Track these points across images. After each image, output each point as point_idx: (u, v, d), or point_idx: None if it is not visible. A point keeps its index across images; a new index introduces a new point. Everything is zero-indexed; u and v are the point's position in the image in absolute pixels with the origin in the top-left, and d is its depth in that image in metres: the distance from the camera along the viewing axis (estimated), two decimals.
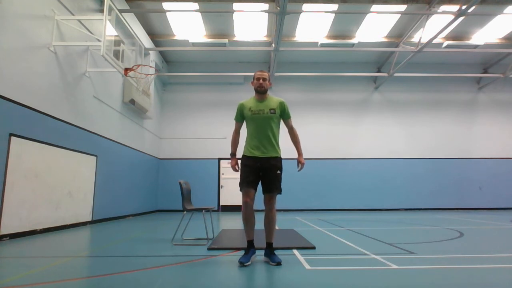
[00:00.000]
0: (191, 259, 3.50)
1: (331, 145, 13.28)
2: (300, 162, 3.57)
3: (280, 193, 3.38)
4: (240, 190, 3.37)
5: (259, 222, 3.42)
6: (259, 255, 3.47)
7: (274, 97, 3.54)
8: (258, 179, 3.38)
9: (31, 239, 5.13)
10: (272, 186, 3.36)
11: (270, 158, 3.38)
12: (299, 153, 3.62)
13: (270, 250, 3.33)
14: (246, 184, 3.34)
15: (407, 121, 13.54)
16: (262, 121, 3.38)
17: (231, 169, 3.56)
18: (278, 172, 3.39)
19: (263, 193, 3.39)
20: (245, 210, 3.33)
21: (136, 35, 8.40)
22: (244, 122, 3.55)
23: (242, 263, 3.14)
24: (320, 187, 12.92)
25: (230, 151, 3.60)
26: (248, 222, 3.36)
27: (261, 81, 3.43)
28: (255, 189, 3.37)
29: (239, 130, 3.62)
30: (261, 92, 3.45)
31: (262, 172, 3.36)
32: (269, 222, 3.38)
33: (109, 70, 7.78)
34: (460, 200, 13.07)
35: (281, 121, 3.56)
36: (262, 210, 3.39)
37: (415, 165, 13.24)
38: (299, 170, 3.62)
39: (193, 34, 11.41)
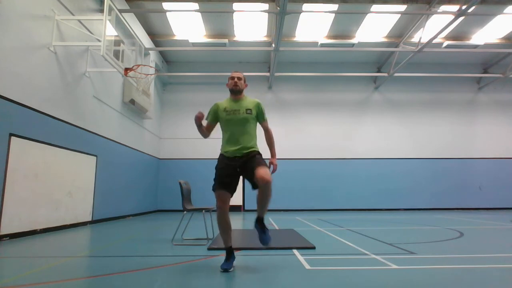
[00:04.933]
0: (191, 259, 3.50)
1: (331, 145, 13.28)
2: (272, 163, 3.22)
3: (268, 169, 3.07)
4: (213, 191, 3.11)
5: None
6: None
7: (249, 97, 3.35)
8: (234, 182, 3.11)
9: (31, 239, 5.13)
10: (259, 163, 3.03)
11: (249, 153, 3.14)
12: (273, 154, 3.31)
13: (260, 226, 3.08)
14: (219, 186, 3.08)
15: (407, 121, 13.54)
16: (238, 122, 3.20)
17: None
18: (258, 156, 3.14)
19: (253, 178, 2.98)
20: (219, 215, 3.06)
21: (136, 35, 8.40)
22: (219, 126, 3.36)
23: (226, 270, 2.96)
24: (320, 187, 12.91)
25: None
26: (224, 228, 3.08)
27: (235, 80, 3.27)
28: (231, 193, 3.10)
29: (210, 132, 3.40)
30: (236, 92, 3.28)
31: (243, 168, 3.10)
32: (264, 197, 2.99)
33: (109, 70, 7.77)
34: (460, 200, 13.07)
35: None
36: (256, 210, 3.16)
37: (415, 165, 13.24)
38: (271, 172, 3.20)
39: (193, 34, 11.41)
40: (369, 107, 13.62)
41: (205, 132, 3.38)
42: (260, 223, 3.13)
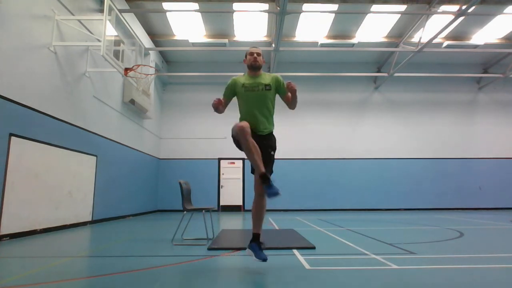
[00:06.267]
0: (191, 259, 3.50)
1: (331, 145, 13.28)
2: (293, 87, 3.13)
3: (271, 173, 3.08)
4: (234, 132, 2.96)
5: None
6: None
7: (266, 73, 3.32)
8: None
9: (31, 239, 5.13)
10: (266, 166, 3.00)
11: (265, 136, 3.16)
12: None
13: (257, 243, 3.01)
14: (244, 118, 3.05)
15: (407, 121, 13.54)
16: (256, 98, 3.15)
17: (231, 169, 3.33)
18: (272, 152, 3.16)
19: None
20: (243, 136, 2.86)
21: (136, 35, 8.39)
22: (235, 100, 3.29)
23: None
24: (320, 187, 12.91)
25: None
26: (255, 153, 2.87)
27: (255, 55, 3.23)
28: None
29: (225, 108, 3.28)
30: (255, 67, 3.23)
31: (259, 143, 3.05)
32: (260, 209, 3.05)
33: (109, 70, 7.78)
34: (460, 200, 13.06)
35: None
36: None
37: (415, 165, 13.24)
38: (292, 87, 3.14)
39: (193, 34, 11.41)
40: (369, 107, 13.61)
41: (221, 109, 3.25)
42: (257, 240, 3.02)
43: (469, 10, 8.57)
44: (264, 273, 2.92)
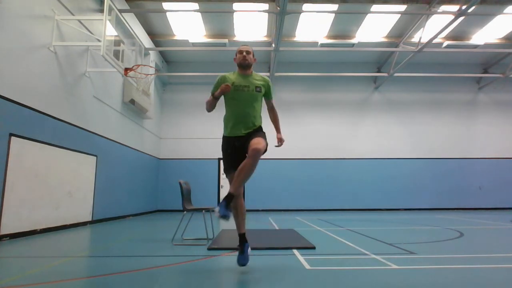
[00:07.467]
0: (191, 259, 3.50)
1: (331, 145, 13.28)
2: (280, 139, 3.23)
3: (266, 146, 2.91)
4: (226, 176, 3.07)
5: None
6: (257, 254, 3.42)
7: (258, 74, 3.25)
8: (240, 159, 2.94)
9: (31, 239, 5.13)
10: (256, 134, 2.96)
11: (252, 132, 3.04)
12: (279, 130, 3.33)
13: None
14: (230, 169, 3.02)
15: (407, 121, 13.54)
16: (246, 98, 3.06)
17: None
18: (261, 132, 3.07)
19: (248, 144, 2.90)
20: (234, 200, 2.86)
21: (136, 35, 8.40)
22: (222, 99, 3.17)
23: (243, 264, 2.94)
24: (320, 187, 12.91)
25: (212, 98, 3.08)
26: (239, 211, 2.98)
27: (244, 54, 3.13)
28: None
29: (215, 105, 3.15)
30: (245, 66, 3.13)
31: (245, 145, 2.96)
32: (246, 165, 2.78)
33: (109, 70, 7.77)
34: (460, 200, 13.06)
35: None
36: (256, 210, 3.11)
37: (415, 165, 13.24)
38: (278, 146, 3.25)
39: (193, 34, 11.41)
40: (369, 107, 13.62)
41: (212, 105, 3.13)
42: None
43: (469, 10, 8.57)
44: (264, 273, 2.93)
